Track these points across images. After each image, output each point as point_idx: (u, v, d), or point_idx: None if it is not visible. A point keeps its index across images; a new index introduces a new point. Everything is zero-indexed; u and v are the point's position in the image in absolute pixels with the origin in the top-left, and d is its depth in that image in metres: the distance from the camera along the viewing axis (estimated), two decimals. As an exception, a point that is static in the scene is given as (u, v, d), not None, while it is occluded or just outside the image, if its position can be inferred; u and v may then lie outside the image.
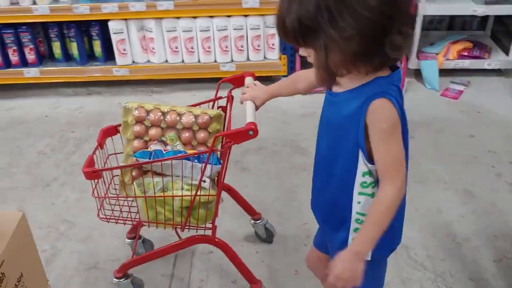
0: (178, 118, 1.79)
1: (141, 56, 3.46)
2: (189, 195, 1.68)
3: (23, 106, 3.52)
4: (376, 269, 1.42)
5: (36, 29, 3.47)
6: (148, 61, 3.49)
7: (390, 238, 1.35)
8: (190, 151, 1.74)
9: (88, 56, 3.53)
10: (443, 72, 3.59)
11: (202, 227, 1.81)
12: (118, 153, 1.87)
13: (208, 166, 1.65)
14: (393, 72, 1.21)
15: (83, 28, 3.43)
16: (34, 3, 3.26)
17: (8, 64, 3.45)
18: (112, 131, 1.82)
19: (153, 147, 1.75)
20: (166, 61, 3.48)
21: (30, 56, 3.45)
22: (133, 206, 1.80)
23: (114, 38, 3.37)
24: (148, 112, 1.80)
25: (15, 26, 3.35)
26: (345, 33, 1.08)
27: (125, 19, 3.33)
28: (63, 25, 3.41)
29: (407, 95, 3.52)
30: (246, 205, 2.20)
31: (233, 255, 1.92)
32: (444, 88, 3.55)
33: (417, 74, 3.68)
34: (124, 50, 3.40)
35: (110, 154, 1.84)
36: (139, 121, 1.79)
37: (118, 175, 1.83)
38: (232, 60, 3.49)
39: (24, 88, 3.61)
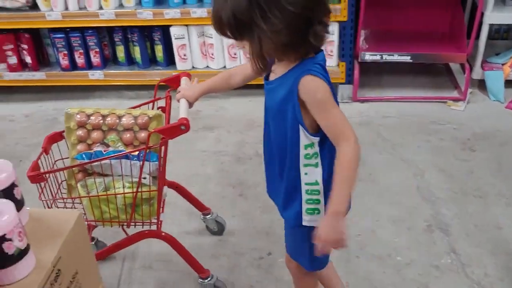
0: (117, 120, 1.87)
1: (201, 62, 3.53)
2: (131, 192, 1.78)
3: (97, 105, 3.66)
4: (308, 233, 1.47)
5: (101, 33, 3.60)
6: (207, 66, 3.55)
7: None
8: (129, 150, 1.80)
9: (150, 60, 3.62)
10: (509, 84, 3.45)
11: (148, 223, 1.91)
12: (65, 158, 1.92)
13: (146, 163, 1.74)
14: (316, 54, 1.36)
15: (146, 33, 3.53)
16: (101, 8, 3.38)
17: (74, 66, 3.59)
18: (57, 137, 1.89)
19: (96, 149, 1.84)
20: (225, 67, 3.53)
21: (95, 59, 3.58)
22: (81, 208, 1.85)
23: (175, 43, 3.44)
24: (88, 116, 1.87)
25: (82, 30, 3.49)
26: (275, 27, 1.23)
27: (186, 25, 3.40)
28: (127, 29, 3.52)
29: (470, 106, 3.40)
30: (195, 201, 2.31)
31: (179, 247, 2.00)
32: (509, 100, 3.40)
33: (481, 84, 3.55)
34: (185, 55, 3.48)
35: (57, 160, 1.89)
36: (81, 125, 1.86)
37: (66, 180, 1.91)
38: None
39: (89, 90, 3.76)
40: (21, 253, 1.09)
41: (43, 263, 1.13)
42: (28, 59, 3.60)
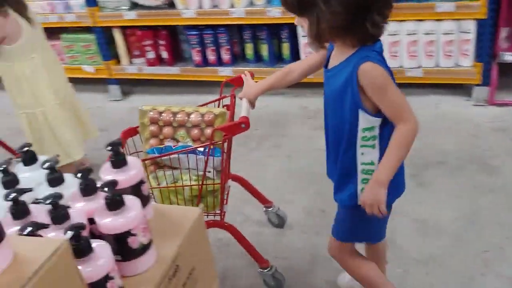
0: (186, 117, 1.96)
1: (327, 59, 3.50)
2: (196, 185, 1.89)
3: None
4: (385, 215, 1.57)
5: (232, 31, 3.71)
6: (333, 64, 3.51)
7: (394, 187, 1.54)
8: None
9: (277, 58, 3.67)
10: None
11: (212, 213, 2.00)
12: (139, 151, 2.04)
13: (210, 158, 1.84)
14: (374, 43, 1.43)
15: (274, 30, 3.58)
16: (232, 6, 3.49)
17: (206, 62, 3.75)
18: (132, 132, 2.01)
19: (167, 144, 1.96)
20: (351, 65, 3.47)
21: (226, 56, 3.71)
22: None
23: (302, 41, 3.45)
24: (160, 113, 1.98)
25: (214, 28, 3.63)
26: (334, 8, 1.33)
27: (314, 23, 3.39)
28: (256, 27, 3.59)
29: None
30: (257, 193, 2.40)
31: (240, 237, 2.08)
32: None
33: None
34: (311, 53, 3.47)
35: (132, 153, 1.99)
36: (154, 121, 1.98)
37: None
38: (420, 66, 3.34)
39: (218, 85, 3.88)
40: (144, 248, 1.16)
41: (163, 258, 1.19)
42: (164, 55, 3.83)
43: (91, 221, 1.14)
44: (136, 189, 1.28)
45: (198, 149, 1.90)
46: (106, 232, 1.12)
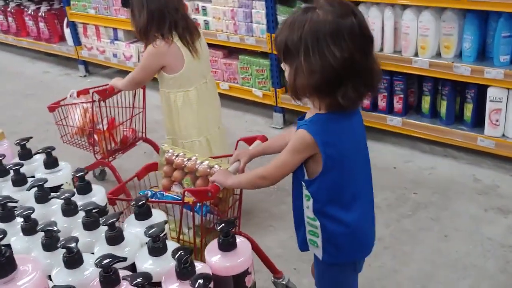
0: (196, 166, 1.98)
1: (515, 131, 3.02)
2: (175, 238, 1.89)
3: (377, 150, 3.53)
4: (337, 273, 1.68)
5: (410, 79, 3.41)
6: (522, 138, 3.02)
7: (358, 245, 1.64)
8: (188, 198, 1.84)
9: (455, 118, 3.27)
10: None
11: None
12: (154, 187, 2.15)
13: (189, 216, 1.84)
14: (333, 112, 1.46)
15: (458, 88, 3.20)
16: (416, 54, 3.19)
17: (375, 107, 3.50)
18: (153, 167, 2.12)
19: (174, 187, 2.04)
20: (543, 143, 2.94)
21: (397, 105, 3.42)
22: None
23: (489, 106, 3.02)
24: (176, 155, 2.04)
25: (391, 74, 3.36)
26: (311, 67, 1.38)
27: (508, 89, 2.94)
28: (439, 80, 3.24)
29: None
30: (268, 262, 2.25)
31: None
32: None
33: None
34: (497, 121, 3.02)
35: (153, 187, 2.12)
36: (169, 162, 2.05)
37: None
38: None
39: (384, 132, 3.61)
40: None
41: None
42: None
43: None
44: (239, 280, 1.12)
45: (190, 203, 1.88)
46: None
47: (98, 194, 1.38)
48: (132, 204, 1.25)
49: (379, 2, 3.23)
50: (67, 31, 5.38)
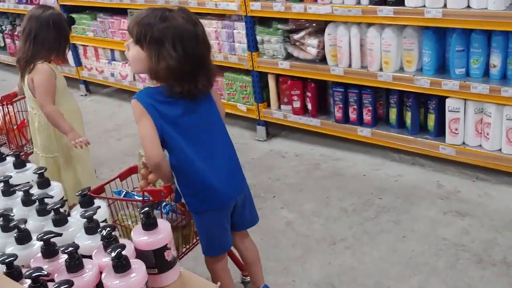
0: None
1: (473, 139, 3.21)
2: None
3: (348, 159, 3.75)
4: (196, 219, 2.16)
5: (379, 92, 3.63)
6: (480, 145, 3.21)
7: (196, 201, 2.07)
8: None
9: (421, 128, 3.48)
10: None
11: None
12: (135, 188, 2.36)
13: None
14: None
15: (422, 99, 3.41)
16: (381, 69, 3.41)
17: (346, 119, 3.72)
18: (134, 169, 2.35)
19: (149, 188, 2.16)
20: (500, 150, 3.13)
21: (367, 117, 3.63)
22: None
23: (448, 115, 3.22)
24: None
25: (360, 87, 3.59)
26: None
27: (464, 99, 3.15)
28: (404, 93, 3.46)
29: None
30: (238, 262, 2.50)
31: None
32: None
33: None
34: (456, 129, 3.22)
35: (135, 188, 2.34)
36: (145, 166, 2.20)
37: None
38: None
39: (356, 143, 3.82)
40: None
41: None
42: (309, 106, 3.89)
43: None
44: (159, 253, 1.35)
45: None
46: None
47: (56, 189, 1.63)
48: (76, 194, 1.49)
49: (346, 21, 3.47)
50: (69, 53, 5.69)
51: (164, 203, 2.18)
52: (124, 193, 2.44)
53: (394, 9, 3.17)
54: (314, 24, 3.73)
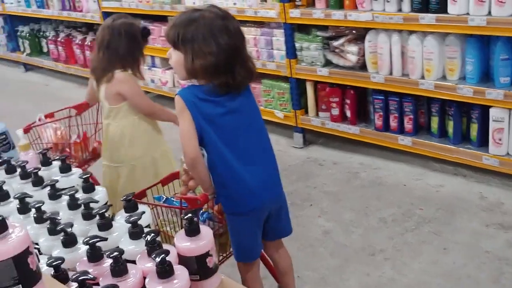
0: None
1: (517, 150, 3.12)
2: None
3: (388, 168, 3.69)
4: (229, 223, 2.13)
5: (420, 101, 3.57)
6: (525, 157, 3.12)
7: (230, 202, 2.08)
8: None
9: (463, 137, 3.40)
10: None
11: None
12: (176, 193, 2.34)
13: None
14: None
15: (464, 108, 3.33)
16: (422, 77, 3.36)
17: (387, 127, 3.67)
18: (176, 175, 2.36)
19: (189, 195, 2.21)
20: (546, 161, 3.03)
21: (408, 125, 3.57)
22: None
23: (492, 125, 3.14)
24: None
25: (401, 95, 3.53)
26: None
27: (509, 109, 3.06)
28: (446, 102, 3.39)
29: None
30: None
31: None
32: None
33: None
34: (500, 140, 3.13)
35: (176, 194, 2.33)
36: (186, 172, 2.23)
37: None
38: None
39: (396, 152, 3.76)
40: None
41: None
42: (348, 113, 3.86)
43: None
44: (201, 260, 1.35)
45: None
46: None
47: (100, 193, 1.66)
48: (121, 199, 1.51)
49: (387, 29, 3.43)
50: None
51: (202, 210, 2.19)
52: (164, 199, 2.47)
53: (436, 16, 3.11)
54: (354, 31, 3.70)
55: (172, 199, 2.39)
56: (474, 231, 2.94)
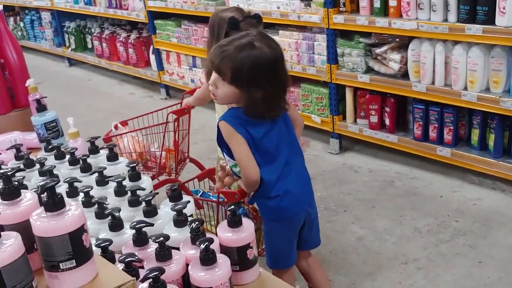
0: None
1: (563, 167, 3.05)
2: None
3: (425, 179, 3.66)
4: (266, 228, 2.17)
5: (461, 112, 3.53)
6: None
7: (269, 210, 2.10)
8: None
9: (504, 151, 3.34)
10: None
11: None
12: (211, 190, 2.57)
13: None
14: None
15: (507, 122, 3.28)
16: (465, 88, 3.32)
17: (425, 138, 3.64)
18: (212, 172, 2.52)
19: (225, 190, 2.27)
20: None
21: (447, 136, 3.54)
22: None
23: (535, 140, 3.09)
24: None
25: (442, 106, 3.50)
26: None
27: (554, 124, 3.01)
28: (488, 114, 3.34)
29: None
30: None
31: None
32: None
33: None
34: (545, 155, 3.08)
35: (211, 189, 2.54)
36: (222, 168, 2.30)
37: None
38: None
39: (434, 162, 3.72)
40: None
41: None
42: (387, 121, 3.84)
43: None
44: (242, 251, 1.38)
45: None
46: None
47: (146, 182, 1.71)
48: (167, 188, 1.55)
49: (431, 38, 3.41)
50: (152, 57, 5.94)
51: None
52: (200, 193, 2.53)
53: (483, 27, 3.08)
54: (397, 39, 3.69)
55: (208, 193, 2.44)
56: (511, 246, 2.89)
